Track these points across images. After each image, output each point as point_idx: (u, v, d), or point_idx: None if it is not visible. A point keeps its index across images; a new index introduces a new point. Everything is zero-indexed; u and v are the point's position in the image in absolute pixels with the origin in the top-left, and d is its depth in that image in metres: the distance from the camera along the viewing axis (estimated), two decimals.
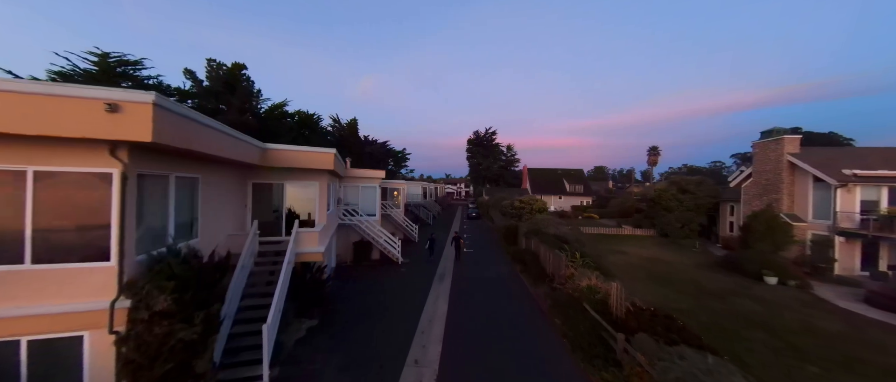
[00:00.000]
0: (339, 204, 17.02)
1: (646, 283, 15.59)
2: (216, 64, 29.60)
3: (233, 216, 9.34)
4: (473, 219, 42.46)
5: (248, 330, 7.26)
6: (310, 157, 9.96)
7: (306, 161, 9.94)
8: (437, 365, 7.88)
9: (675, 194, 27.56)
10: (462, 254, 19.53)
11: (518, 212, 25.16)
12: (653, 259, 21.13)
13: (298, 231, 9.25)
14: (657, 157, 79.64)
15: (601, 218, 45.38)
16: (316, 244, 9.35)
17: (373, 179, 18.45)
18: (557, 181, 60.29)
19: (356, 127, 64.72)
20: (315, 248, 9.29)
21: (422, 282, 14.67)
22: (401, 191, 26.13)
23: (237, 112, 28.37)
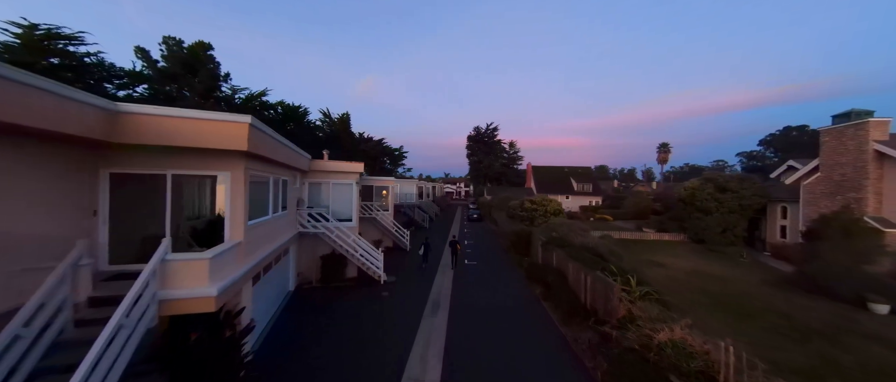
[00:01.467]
0: (301, 206, 12.87)
1: (712, 313, 11.48)
2: (174, 41, 25.35)
3: (58, 229, 5.19)
4: (474, 222, 38.32)
5: None
6: (202, 129, 5.82)
7: (197, 135, 5.80)
8: None
9: (711, 193, 23.45)
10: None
11: (529, 215, 21.03)
12: (699, 273, 17.02)
13: (168, 259, 5.10)
14: (668, 154, 75.66)
15: (615, 219, 41.32)
16: (204, 281, 5.22)
17: (348, 174, 14.30)
18: (564, 180, 56.18)
19: (348, 122, 60.47)
20: (199, 290, 5.16)
21: (408, 315, 10.53)
22: (390, 189, 22.00)
23: (199, 98, 24.31)
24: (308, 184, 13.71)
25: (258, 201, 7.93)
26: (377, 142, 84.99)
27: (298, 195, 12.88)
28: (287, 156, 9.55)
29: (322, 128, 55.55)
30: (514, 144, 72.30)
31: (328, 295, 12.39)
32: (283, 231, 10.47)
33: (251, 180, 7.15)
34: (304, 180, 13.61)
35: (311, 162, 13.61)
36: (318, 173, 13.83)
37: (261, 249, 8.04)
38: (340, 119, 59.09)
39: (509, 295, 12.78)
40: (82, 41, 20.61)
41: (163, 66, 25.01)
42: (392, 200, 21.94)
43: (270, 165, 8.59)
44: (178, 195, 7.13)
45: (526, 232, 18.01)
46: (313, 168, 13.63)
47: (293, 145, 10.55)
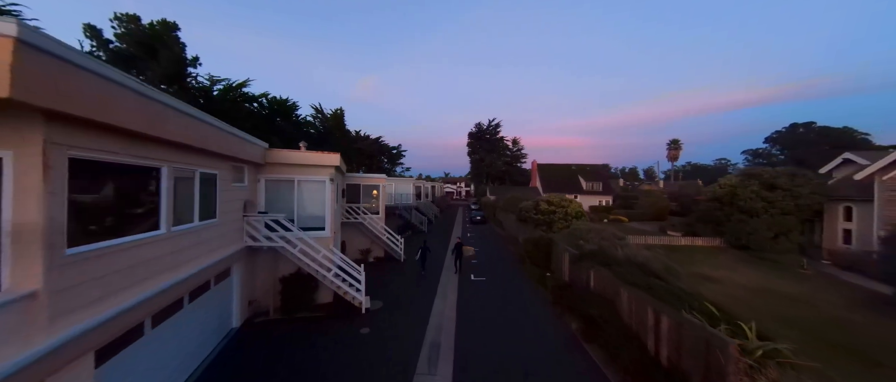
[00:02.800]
0: (250, 210, 9.49)
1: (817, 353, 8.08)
2: (128, 17, 21.95)
3: None
4: (478, 224, 34.94)
5: None
6: None
7: None
8: None
9: (757, 191, 20.08)
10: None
11: (546, 219, 17.63)
12: (763, 291, 13.65)
13: None
14: (678, 151, 72.33)
15: (630, 220, 37.94)
16: None
17: (319, 168, 10.91)
18: (572, 179, 52.80)
19: (342, 118, 57.07)
20: None
21: (393, 369, 7.16)
22: (381, 188, 18.62)
23: (161, 84, 20.99)
24: (264, 181, 10.34)
25: (116, 205, 4.55)
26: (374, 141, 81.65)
27: (246, 196, 9.50)
28: (204, 138, 6.20)
29: (313, 124, 52.25)
30: (518, 142, 68.97)
31: (288, 331, 9.02)
32: (210, 247, 7.11)
33: (77, 165, 3.78)
34: (259, 176, 10.25)
35: (268, 152, 10.25)
36: (279, 167, 10.46)
37: (136, 288, 4.66)
38: (334, 115, 55.70)
39: (535, 330, 9.40)
40: (16, 14, 17.30)
41: (116, 47, 21.63)
42: (384, 201, 18.57)
43: (152, 145, 5.20)
44: None
45: (545, 241, 14.62)
46: (271, 160, 10.27)
47: (225, 125, 7.23)
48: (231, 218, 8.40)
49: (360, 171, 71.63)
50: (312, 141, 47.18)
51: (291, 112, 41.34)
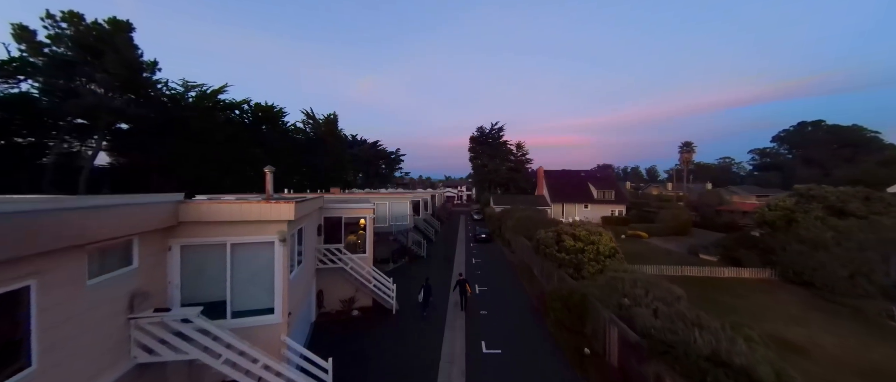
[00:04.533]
0: (141, 304, 6.10)
1: None
2: (68, 15, 18.51)
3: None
4: (482, 243, 31.49)
5: None
6: None
7: None
8: None
9: (821, 216, 16.67)
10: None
11: (573, 259, 14.21)
12: (875, 372, 10.23)
13: None
14: (691, 154, 68.75)
15: (651, 236, 34.51)
16: None
17: (265, 225, 7.49)
18: (581, 186, 49.37)
19: (335, 123, 53.70)
20: None
21: None
22: (369, 219, 15.18)
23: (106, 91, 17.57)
24: (180, 248, 6.96)
25: None
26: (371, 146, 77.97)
27: (136, 286, 6.10)
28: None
29: (303, 130, 48.89)
30: (523, 146, 65.53)
31: None
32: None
33: None
34: (170, 242, 6.86)
35: (183, 207, 6.87)
36: (203, 227, 7.08)
37: None
38: (326, 120, 52.36)
39: None
40: None
41: (53, 51, 18.22)
42: (371, 237, 15.16)
43: None
44: None
45: (578, 299, 11.22)
46: (189, 217, 6.90)
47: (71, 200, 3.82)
48: (88, 338, 5.02)
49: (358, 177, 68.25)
50: (302, 149, 43.77)
51: (278, 119, 38.04)
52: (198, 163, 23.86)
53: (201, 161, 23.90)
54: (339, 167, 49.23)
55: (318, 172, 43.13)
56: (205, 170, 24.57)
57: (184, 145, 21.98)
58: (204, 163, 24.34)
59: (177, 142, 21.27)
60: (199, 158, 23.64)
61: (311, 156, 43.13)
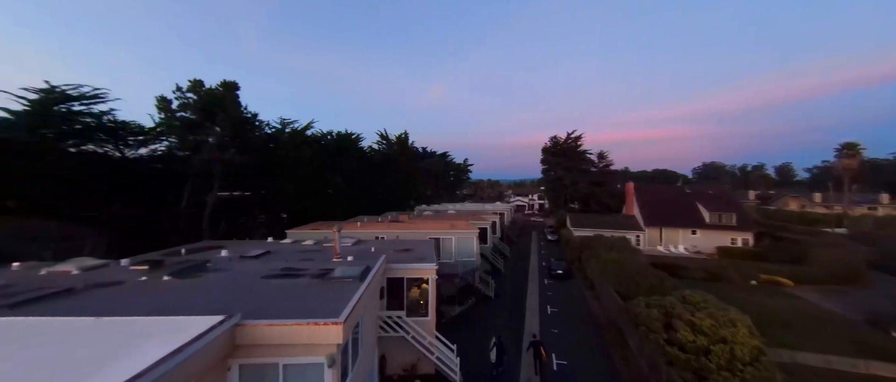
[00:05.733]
0: None
1: None
2: (192, 84, 22.50)
3: None
4: (559, 279, 27.99)
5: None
6: None
7: None
8: None
9: None
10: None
11: (692, 362, 10.65)
12: None
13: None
14: (855, 160, 50.75)
15: (798, 284, 25.83)
16: None
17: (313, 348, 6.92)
18: (685, 206, 40.68)
19: (406, 142, 55.75)
20: None
21: None
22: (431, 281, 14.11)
23: (215, 147, 21.03)
24: (238, 367, 6.81)
25: None
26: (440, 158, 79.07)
27: None
28: None
29: (380, 151, 51.80)
30: (606, 155, 57.78)
31: None
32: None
33: None
34: (229, 362, 6.75)
35: (239, 330, 6.68)
36: (257, 349, 6.82)
37: None
38: (398, 139, 54.67)
39: None
40: (102, 98, 18.63)
41: (181, 117, 22.47)
42: (434, 299, 14.14)
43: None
44: None
45: None
46: (244, 341, 6.68)
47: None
48: None
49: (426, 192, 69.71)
50: (376, 170, 46.42)
51: (354, 145, 40.80)
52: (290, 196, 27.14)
53: (292, 193, 27.16)
54: (409, 185, 50.76)
55: (390, 192, 45.07)
56: (294, 200, 27.78)
57: (278, 181, 25.47)
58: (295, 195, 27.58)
59: (273, 179, 24.83)
60: (291, 191, 26.92)
61: (383, 175, 45.41)
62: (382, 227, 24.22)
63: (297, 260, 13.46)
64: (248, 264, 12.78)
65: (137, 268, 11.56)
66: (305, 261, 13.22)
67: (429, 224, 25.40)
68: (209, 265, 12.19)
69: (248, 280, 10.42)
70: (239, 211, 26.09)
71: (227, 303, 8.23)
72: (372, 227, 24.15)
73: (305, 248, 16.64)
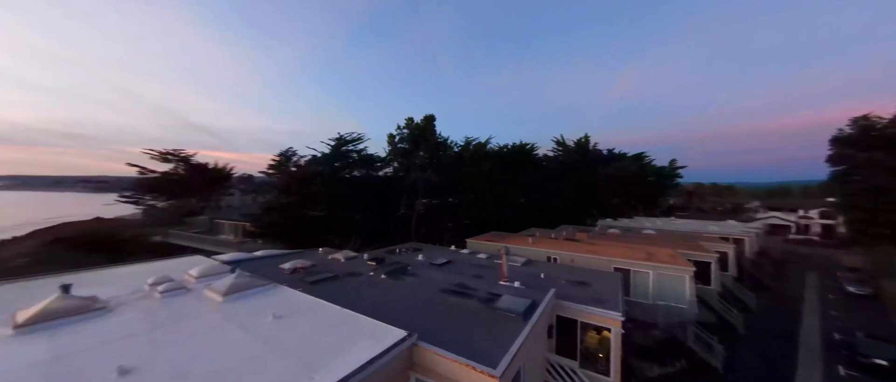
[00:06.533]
0: None
1: None
2: (407, 121, 29.36)
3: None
4: (879, 375, 15.83)
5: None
6: None
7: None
8: None
9: None
10: None
11: None
12: None
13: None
14: None
15: None
16: None
17: None
18: None
19: (587, 145, 50.07)
20: None
21: None
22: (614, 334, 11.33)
23: (419, 169, 26.57)
24: None
25: None
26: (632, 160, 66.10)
27: None
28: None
29: (556, 159, 49.15)
30: None
31: None
32: None
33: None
34: (411, 373, 7.90)
35: (417, 352, 7.65)
36: (429, 371, 7.60)
37: None
38: (578, 144, 49.93)
39: None
40: (361, 139, 28.15)
41: (401, 147, 29.86)
42: (619, 347, 11.23)
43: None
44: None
45: None
46: (420, 360, 7.61)
47: None
48: None
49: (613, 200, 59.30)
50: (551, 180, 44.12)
51: (529, 155, 40.56)
52: (471, 206, 30.70)
53: (472, 204, 30.64)
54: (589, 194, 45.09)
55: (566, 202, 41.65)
56: (475, 210, 31.09)
57: (462, 193, 29.57)
58: (475, 206, 30.92)
59: (458, 192, 29.18)
60: (471, 202, 30.45)
61: (560, 184, 42.52)
62: (555, 246, 22.21)
63: (471, 275, 14.53)
64: (434, 273, 14.98)
65: (370, 263, 16.16)
66: (477, 279, 14.03)
67: (614, 248, 21.00)
68: (409, 269, 15.31)
69: (430, 292, 12.10)
70: (435, 219, 32.10)
71: (414, 314, 9.84)
72: (544, 244, 22.70)
73: (479, 262, 17.78)
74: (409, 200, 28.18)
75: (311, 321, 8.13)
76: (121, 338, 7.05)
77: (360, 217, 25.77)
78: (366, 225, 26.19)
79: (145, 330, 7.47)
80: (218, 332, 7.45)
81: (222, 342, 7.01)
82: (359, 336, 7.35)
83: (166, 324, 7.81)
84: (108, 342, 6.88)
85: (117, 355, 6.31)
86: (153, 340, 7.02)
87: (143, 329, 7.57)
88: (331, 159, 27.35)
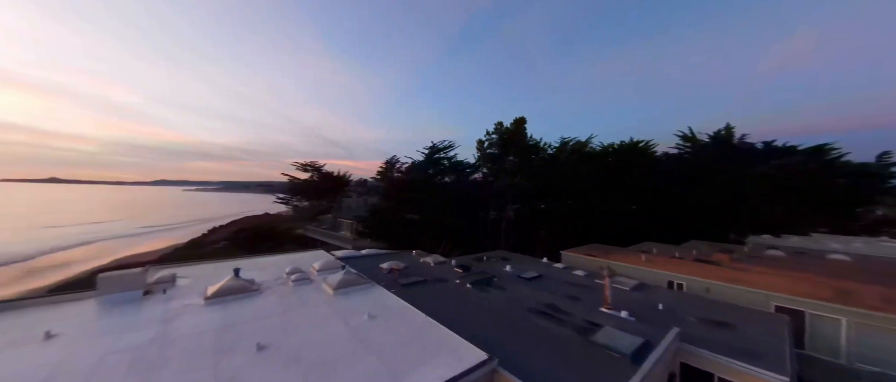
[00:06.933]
0: None
1: None
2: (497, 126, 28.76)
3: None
4: None
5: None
6: None
7: None
8: None
9: None
10: None
11: None
12: None
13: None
14: None
15: None
16: None
17: None
18: None
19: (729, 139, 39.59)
20: None
21: None
22: None
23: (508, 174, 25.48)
24: None
25: None
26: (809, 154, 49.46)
27: None
28: None
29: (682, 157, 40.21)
30: None
31: None
32: None
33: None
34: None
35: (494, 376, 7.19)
36: None
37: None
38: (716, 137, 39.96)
39: None
40: (451, 147, 29.22)
41: (490, 152, 29.46)
42: None
43: None
44: None
45: None
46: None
47: None
48: None
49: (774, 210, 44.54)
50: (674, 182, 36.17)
51: (643, 155, 34.47)
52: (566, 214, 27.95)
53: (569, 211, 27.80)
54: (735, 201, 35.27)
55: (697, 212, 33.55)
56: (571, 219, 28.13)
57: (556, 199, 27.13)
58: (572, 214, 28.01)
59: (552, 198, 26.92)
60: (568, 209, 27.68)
61: (686, 188, 34.54)
62: (681, 268, 17.74)
63: (564, 295, 13.05)
64: (522, 287, 14.08)
65: (457, 270, 16.41)
66: (572, 300, 12.52)
67: (777, 278, 15.48)
68: (495, 280, 14.86)
69: (516, 309, 11.37)
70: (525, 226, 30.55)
71: (496, 333, 9.33)
72: (664, 265, 18.46)
73: (575, 280, 15.87)
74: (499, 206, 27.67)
75: (399, 325, 8.63)
76: (263, 317, 8.94)
77: (451, 221, 26.76)
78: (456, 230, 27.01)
79: (279, 312, 9.29)
80: (326, 323, 8.66)
81: (328, 333, 8.09)
82: (440, 350, 7.37)
83: (293, 309, 9.55)
84: (255, 318, 8.82)
85: (258, 331, 8.01)
86: (283, 322, 8.64)
87: (278, 311, 9.44)
88: (424, 166, 29.36)
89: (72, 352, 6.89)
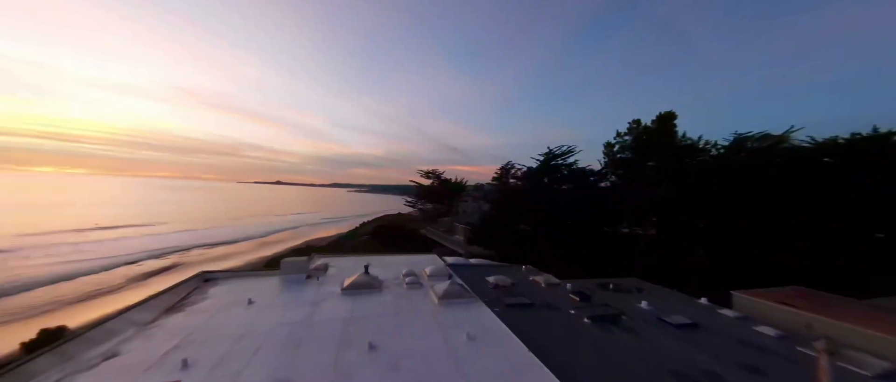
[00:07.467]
0: None
1: None
2: (631, 125, 23.64)
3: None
4: None
5: None
6: None
7: None
8: None
9: None
10: None
11: None
12: None
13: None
14: None
15: None
16: None
17: None
18: None
19: None
20: None
21: None
22: None
23: (646, 183, 20.13)
24: None
25: None
26: None
27: None
28: None
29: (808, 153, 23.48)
30: None
31: None
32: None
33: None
34: None
35: None
36: None
37: None
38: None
39: None
40: (571, 152, 26.07)
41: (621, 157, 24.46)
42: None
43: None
44: None
45: None
46: None
47: None
48: None
49: None
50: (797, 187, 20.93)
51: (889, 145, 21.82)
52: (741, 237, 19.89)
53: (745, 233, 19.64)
54: None
55: None
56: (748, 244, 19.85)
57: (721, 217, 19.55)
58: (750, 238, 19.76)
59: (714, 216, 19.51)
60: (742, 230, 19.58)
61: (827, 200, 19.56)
62: None
63: (736, 364, 9.09)
64: (664, 337, 10.81)
65: (573, 298, 14.26)
66: (751, 373, 8.62)
67: None
68: (623, 319, 12.04)
69: (653, 370, 8.66)
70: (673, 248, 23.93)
71: None
72: None
73: (756, 339, 11.02)
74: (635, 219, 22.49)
75: (497, 354, 8.00)
76: (379, 316, 9.98)
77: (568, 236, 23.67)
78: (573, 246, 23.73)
79: (391, 313, 10.18)
80: (427, 334, 8.89)
81: (428, 345, 8.25)
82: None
83: (403, 313, 10.30)
84: (373, 316, 9.93)
85: (373, 330, 8.92)
86: (393, 324, 9.39)
87: (391, 311, 10.38)
88: (539, 174, 27.32)
89: (259, 318, 9.44)
